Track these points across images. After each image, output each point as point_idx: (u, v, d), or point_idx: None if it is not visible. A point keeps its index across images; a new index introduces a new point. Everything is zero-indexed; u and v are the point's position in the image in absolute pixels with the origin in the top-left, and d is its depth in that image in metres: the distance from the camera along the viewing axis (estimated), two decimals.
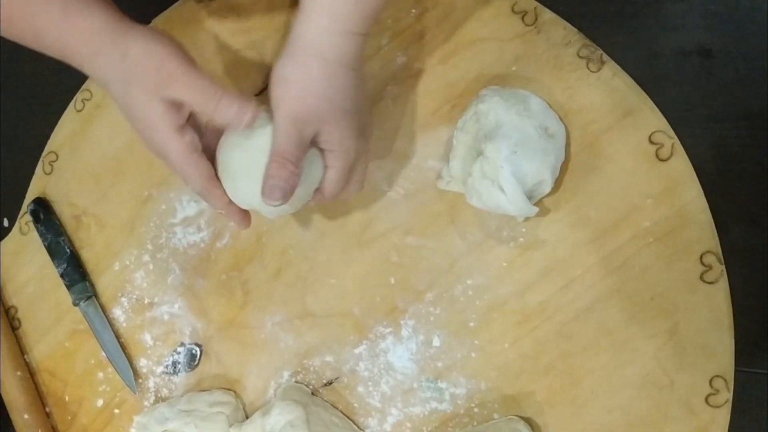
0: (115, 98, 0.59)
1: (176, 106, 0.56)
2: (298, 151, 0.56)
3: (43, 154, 0.81)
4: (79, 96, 0.80)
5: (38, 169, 0.82)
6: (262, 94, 0.72)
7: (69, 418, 0.77)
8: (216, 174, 0.59)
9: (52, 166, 0.81)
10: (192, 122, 0.58)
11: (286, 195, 0.56)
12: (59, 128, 0.81)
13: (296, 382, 0.69)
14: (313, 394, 0.68)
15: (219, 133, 0.60)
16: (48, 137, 0.81)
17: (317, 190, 0.61)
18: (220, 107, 0.56)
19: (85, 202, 0.78)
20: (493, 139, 0.60)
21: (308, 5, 0.55)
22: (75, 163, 0.79)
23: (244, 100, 0.57)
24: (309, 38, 0.56)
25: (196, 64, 0.58)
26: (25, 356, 0.79)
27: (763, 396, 0.59)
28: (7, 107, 0.86)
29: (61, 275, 0.77)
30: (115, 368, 0.74)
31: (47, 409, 0.78)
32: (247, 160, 0.58)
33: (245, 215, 0.62)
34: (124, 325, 0.75)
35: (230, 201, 0.60)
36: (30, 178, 0.82)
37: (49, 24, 0.57)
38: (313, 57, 0.55)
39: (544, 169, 0.60)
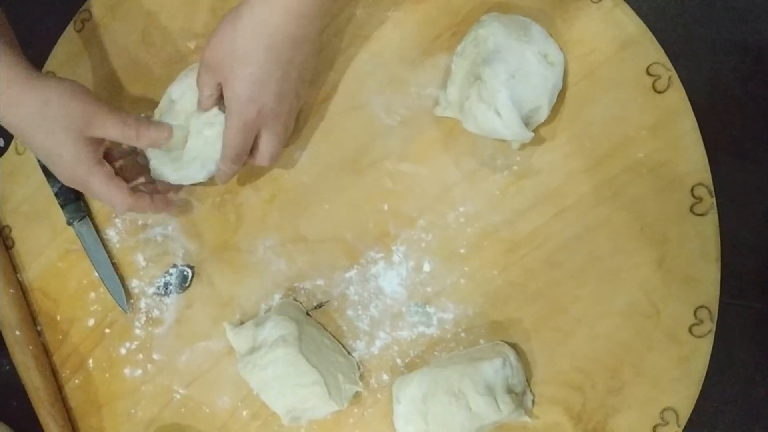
0: (32, 142, 0.64)
1: (97, 142, 0.65)
2: (206, 93, 0.65)
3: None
4: (78, 16, 0.79)
5: None
6: None
7: (60, 337, 0.77)
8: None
9: None
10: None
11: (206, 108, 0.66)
12: (58, 48, 0.80)
13: None
14: None
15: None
16: (46, 57, 0.81)
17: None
18: (141, 135, 0.65)
19: None
20: (491, 63, 0.60)
21: None
22: None
23: (157, 123, 0.67)
24: (242, 6, 0.60)
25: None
26: (18, 275, 0.79)
27: (746, 328, 0.60)
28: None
29: (56, 194, 0.77)
30: (107, 288, 0.74)
31: (38, 328, 0.78)
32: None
33: (169, 203, 0.71)
34: (117, 245, 0.76)
35: (152, 202, 0.69)
36: None
37: None
38: (237, 19, 0.60)
39: (542, 96, 0.60)
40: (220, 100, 0.65)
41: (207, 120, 0.66)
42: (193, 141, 0.67)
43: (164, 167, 0.68)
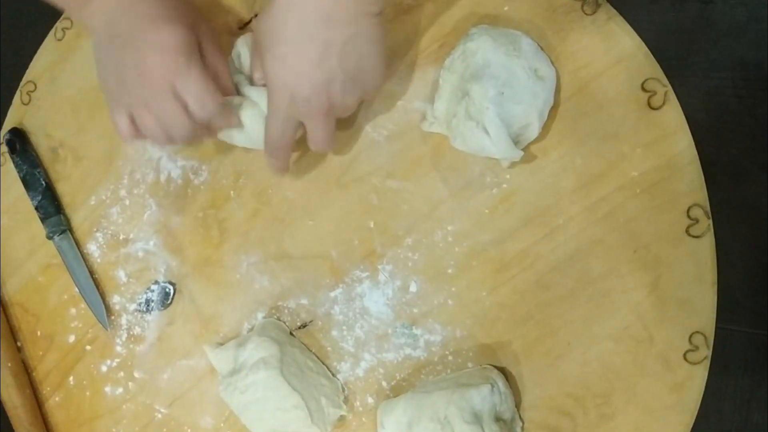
0: (139, 11, 0.58)
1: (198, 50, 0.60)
2: (257, 76, 0.62)
3: (21, 83, 0.79)
4: (59, 25, 0.77)
5: (16, 99, 0.79)
6: (245, 27, 0.70)
7: (40, 353, 0.75)
8: None
9: (30, 96, 0.78)
10: None
11: None
12: (38, 58, 0.79)
13: None
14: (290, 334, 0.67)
15: None
16: (27, 66, 0.79)
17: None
18: (224, 78, 0.62)
19: (63, 134, 0.76)
20: (479, 78, 0.57)
21: None
22: (53, 93, 0.77)
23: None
24: None
25: None
26: None
27: (742, 354, 0.58)
28: None
29: (36, 208, 0.75)
30: (87, 304, 0.73)
31: (18, 344, 0.76)
32: None
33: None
34: (99, 260, 0.74)
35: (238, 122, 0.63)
36: (7, 108, 0.80)
37: None
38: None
39: (532, 113, 0.58)
40: None
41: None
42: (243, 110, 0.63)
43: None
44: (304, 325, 0.67)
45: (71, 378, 0.74)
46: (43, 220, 0.75)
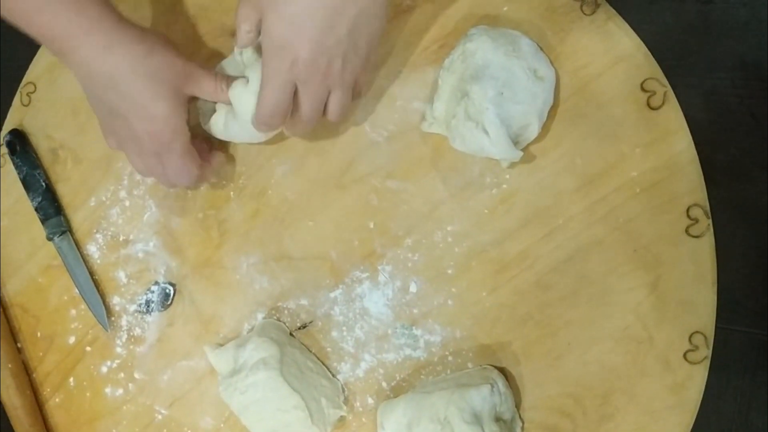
0: (120, 93, 0.59)
1: (186, 102, 0.62)
2: (244, 29, 0.58)
3: (21, 84, 0.79)
4: None
5: (16, 100, 0.79)
6: None
7: (40, 354, 0.75)
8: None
9: (30, 97, 0.78)
10: None
11: None
12: (38, 59, 0.78)
13: None
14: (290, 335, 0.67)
15: None
16: (26, 67, 0.79)
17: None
18: (225, 93, 0.62)
19: (63, 135, 0.76)
20: (479, 79, 0.57)
21: None
22: (53, 95, 0.77)
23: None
24: None
25: None
26: None
27: (741, 354, 0.58)
28: None
29: (36, 209, 0.75)
30: (87, 305, 0.73)
31: (18, 345, 0.76)
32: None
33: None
34: (99, 261, 0.74)
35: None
36: (7, 109, 0.80)
37: (58, 10, 0.57)
38: None
39: (531, 113, 0.58)
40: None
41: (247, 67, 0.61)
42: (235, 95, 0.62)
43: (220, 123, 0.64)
44: (304, 326, 0.67)
45: (71, 379, 0.74)
46: (43, 221, 0.75)
